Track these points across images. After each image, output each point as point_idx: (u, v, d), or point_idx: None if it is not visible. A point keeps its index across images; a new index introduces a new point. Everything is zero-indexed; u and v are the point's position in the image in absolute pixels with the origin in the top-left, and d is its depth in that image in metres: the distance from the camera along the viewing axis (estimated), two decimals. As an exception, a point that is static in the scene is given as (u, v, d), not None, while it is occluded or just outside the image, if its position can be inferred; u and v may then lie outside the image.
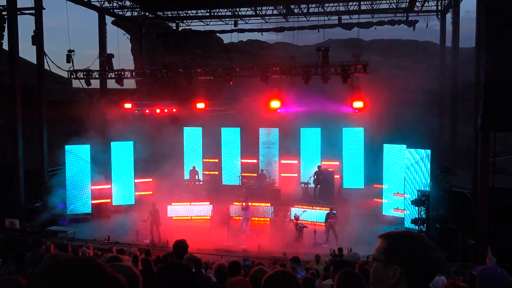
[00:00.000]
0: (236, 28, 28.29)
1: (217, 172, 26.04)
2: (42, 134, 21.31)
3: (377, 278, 2.14)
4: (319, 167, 22.78)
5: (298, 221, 18.99)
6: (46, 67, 21.32)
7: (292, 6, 26.52)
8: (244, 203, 20.17)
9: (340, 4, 25.99)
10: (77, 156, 22.14)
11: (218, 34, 32.75)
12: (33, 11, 20.74)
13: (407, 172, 20.30)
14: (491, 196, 15.77)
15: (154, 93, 26.35)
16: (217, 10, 28.20)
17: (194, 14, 29.07)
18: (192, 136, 26.36)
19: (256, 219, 21.68)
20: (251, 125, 25.52)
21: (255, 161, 25.48)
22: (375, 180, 23.20)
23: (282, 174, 25.10)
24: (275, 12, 27.31)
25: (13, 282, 2.74)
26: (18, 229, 17.71)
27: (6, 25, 19.58)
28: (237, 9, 27.72)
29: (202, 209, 22.22)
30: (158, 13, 28.98)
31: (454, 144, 22.94)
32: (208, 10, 28.33)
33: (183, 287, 5.75)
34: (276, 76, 20.84)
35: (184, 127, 26.39)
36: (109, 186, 23.07)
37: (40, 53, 20.97)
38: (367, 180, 24.20)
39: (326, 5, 25.62)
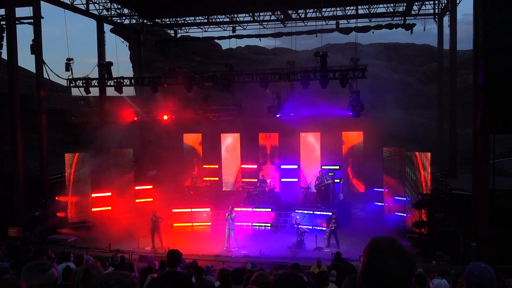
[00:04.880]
0: (235, 34, 28.37)
1: (217, 178, 26.06)
2: (41, 143, 21.30)
3: None
4: (320, 171, 22.80)
5: (299, 226, 18.97)
6: (45, 75, 21.35)
7: (289, 12, 26.59)
8: (229, 214, 19.05)
9: (338, 8, 26.07)
10: (77, 164, 22.11)
11: (216, 41, 32.86)
12: (32, 21, 20.79)
13: (407, 175, 20.30)
14: (492, 198, 15.77)
15: (153, 100, 26.35)
16: (215, 16, 28.28)
17: (192, 21, 29.15)
18: (192, 142, 26.41)
19: (257, 224, 21.67)
20: (250, 131, 25.57)
21: (255, 166, 25.50)
22: (376, 183, 23.22)
23: (282, 179, 25.10)
24: (273, 17, 27.39)
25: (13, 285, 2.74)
26: (20, 237, 17.70)
27: (5, 34, 19.64)
28: (235, 15, 27.80)
29: (202, 215, 22.18)
30: (157, 20, 29.05)
31: (453, 147, 22.94)
32: (206, 17, 28.42)
33: None
34: (275, 82, 20.87)
35: (183, 134, 26.44)
36: (109, 193, 23.06)
37: (39, 62, 21.00)
38: (367, 184, 24.23)
39: (324, 10, 25.69)
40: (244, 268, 6.83)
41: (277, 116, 22.35)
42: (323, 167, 23.76)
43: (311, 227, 20.05)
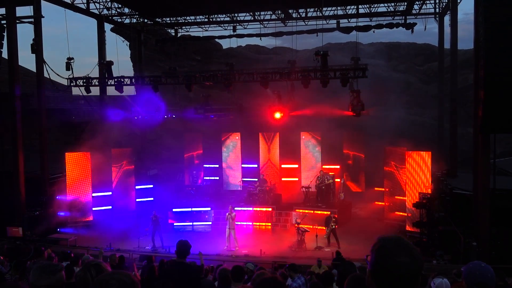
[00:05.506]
0: (235, 33, 28.35)
1: (217, 178, 26.07)
2: (42, 142, 21.30)
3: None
4: (321, 171, 22.80)
5: (300, 225, 18.96)
6: (45, 75, 21.33)
7: (290, 11, 26.59)
8: (229, 213, 18.99)
9: (338, 8, 26.06)
10: (78, 163, 22.10)
11: (217, 40, 32.86)
12: (32, 20, 20.78)
13: (408, 174, 20.28)
14: (492, 198, 15.76)
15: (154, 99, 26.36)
16: (215, 15, 28.28)
17: (192, 20, 29.15)
18: (193, 142, 26.41)
19: (258, 224, 21.67)
20: (251, 130, 25.57)
21: (256, 165, 25.50)
22: (376, 183, 23.20)
23: (283, 179, 25.10)
24: (273, 17, 27.38)
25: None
26: (20, 237, 17.69)
27: (5, 34, 19.64)
28: (236, 15, 27.79)
29: (203, 215, 22.17)
30: (157, 19, 29.04)
31: (454, 146, 22.94)
32: (207, 16, 28.42)
33: (189, 283, 5.78)
34: (276, 81, 20.87)
35: (184, 133, 26.44)
36: (110, 193, 23.05)
37: (40, 61, 20.99)
38: (368, 183, 24.21)
39: (324, 9, 25.68)
40: (243, 267, 6.82)
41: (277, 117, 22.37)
42: (323, 166, 23.76)
43: (311, 227, 20.05)
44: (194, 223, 21.96)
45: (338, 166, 24.26)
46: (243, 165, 25.60)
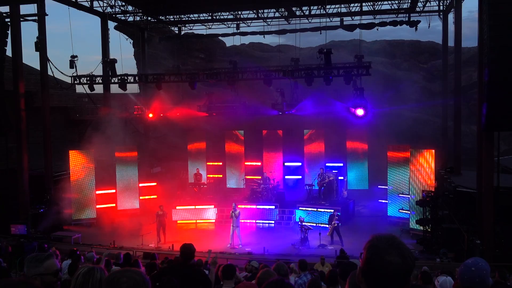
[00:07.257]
0: (239, 31, 28.33)
1: (221, 175, 26.08)
2: (46, 140, 21.36)
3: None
4: (322, 169, 22.78)
5: (303, 223, 18.95)
6: (49, 73, 21.40)
7: (294, 9, 26.54)
8: (233, 211, 18.86)
9: (342, 5, 25.98)
10: (81, 161, 22.15)
11: (220, 38, 32.79)
12: (36, 18, 20.83)
13: (412, 172, 20.26)
14: (496, 196, 15.73)
15: (157, 97, 26.38)
16: (219, 13, 28.24)
17: (196, 18, 29.12)
18: (196, 140, 26.42)
19: (261, 221, 21.69)
20: (254, 128, 25.56)
21: (259, 163, 25.51)
22: (379, 181, 23.17)
23: (286, 177, 25.10)
24: (277, 14, 27.34)
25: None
26: (24, 234, 17.75)
27: (9, 31, 19.67)
28: (239, 12, 27.77)
29: (206, 212, 22.20)
30: (161, 17, 29.04)
31: (458, 144, 22.88)
32: (210, 14, 28.38)
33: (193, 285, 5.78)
34: (279, 79, 20.85)
35: (187, 131, 26.46)
36: (113, 190, 23.11)
37: (44, 59, 21.03)
38: (371, 181, 24.18)
39: (328, 7, 25.61)
40: (233, 265, 6.83)
41: (280, 113, 22.35)
42: (327, 164, 23.75)
43: (315, 224, 20.06)
44: (198, 221, 21.99)
45: (341, 164, 24.23)
46: (246, 163, 25.63)
